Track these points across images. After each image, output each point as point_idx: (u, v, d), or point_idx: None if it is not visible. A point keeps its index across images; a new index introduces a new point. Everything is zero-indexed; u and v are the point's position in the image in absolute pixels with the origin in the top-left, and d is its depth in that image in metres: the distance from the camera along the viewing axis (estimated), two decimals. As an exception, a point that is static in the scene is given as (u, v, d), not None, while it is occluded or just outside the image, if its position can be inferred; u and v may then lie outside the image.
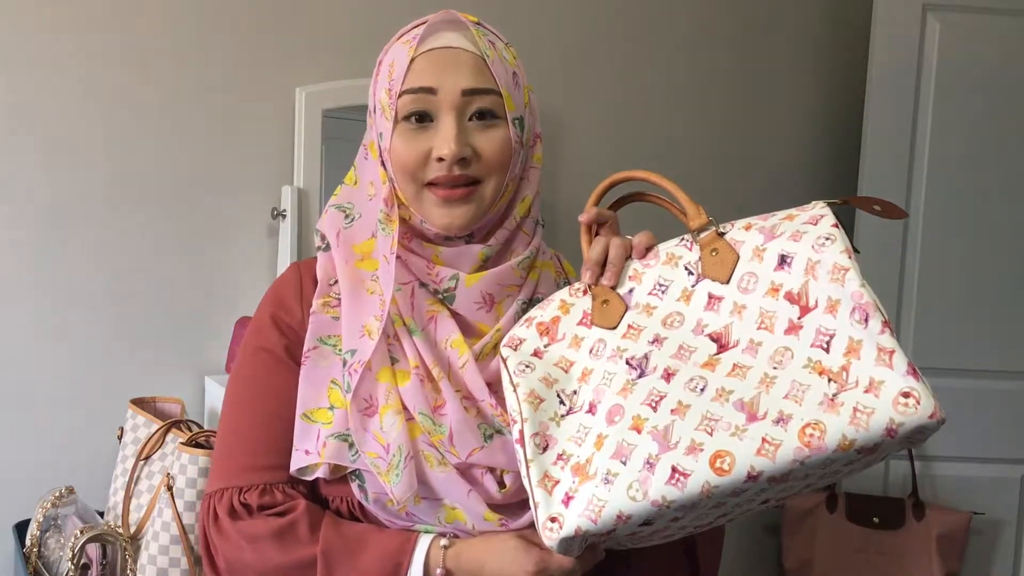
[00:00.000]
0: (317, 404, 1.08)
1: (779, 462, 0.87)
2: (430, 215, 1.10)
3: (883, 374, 0.86)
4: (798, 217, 0.99)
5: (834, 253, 0.93)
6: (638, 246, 1.08)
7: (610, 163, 2.60)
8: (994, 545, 2.71)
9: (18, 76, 2.00)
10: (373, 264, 1.12)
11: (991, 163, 2.63)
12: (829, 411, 0.87)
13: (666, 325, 1.01)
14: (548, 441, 1.00)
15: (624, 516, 0.91)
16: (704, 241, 1.02)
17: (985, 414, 2.64)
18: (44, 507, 1.81)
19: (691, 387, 0.94)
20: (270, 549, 1.05)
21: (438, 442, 1.05)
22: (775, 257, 0.97)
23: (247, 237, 2.19)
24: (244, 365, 1.14)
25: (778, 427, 0.88)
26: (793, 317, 0.93)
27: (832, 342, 0.90)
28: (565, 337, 1.06)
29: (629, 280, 1.06)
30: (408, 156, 1.08)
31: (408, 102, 1.08)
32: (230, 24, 2.15)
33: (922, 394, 0.85)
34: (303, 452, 1.07)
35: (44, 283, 2.04)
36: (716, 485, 0.88)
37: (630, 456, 0.93)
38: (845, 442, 0.85)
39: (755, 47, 2.76)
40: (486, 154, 1.09)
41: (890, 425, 0.84)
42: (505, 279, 1.13)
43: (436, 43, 1.09)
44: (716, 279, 1.00)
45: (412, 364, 1.08)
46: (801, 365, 0.91)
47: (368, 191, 1.15)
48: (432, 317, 1.11)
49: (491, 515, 1.06)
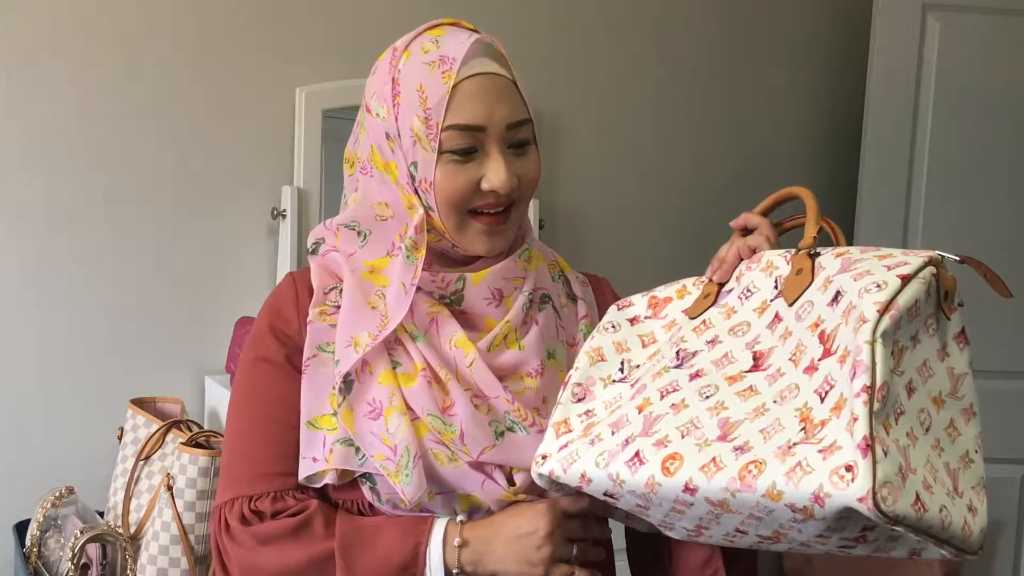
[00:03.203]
0: (320, 411, 1.08)
1: (713, 484, 0.86)
2: (472, 243, 1.10)
3: (844, 440, 0.81)
4: (891, 258, 0.91)
5: (869, 302, 0.85)
6: (744, 246, 1.07)
7: (610, 163, 2.61)
8: (994, 545, 2.71)
9: (18, 76, 2.00)
10: (381, 280, 1.12)
11: (991, 163, 2.63)
12: (777, 457, 0.84)
13: (731, 332, 1.00)
14: (586, 394, 1.05)
15: (586, 478, 0.96)
16: (796, 258, 0.99)
17: (985, 414, 2.62)
18: (44, 507, 1.81)
19: (702, 392, 0.95)
20: (288, 547, 1.05)
21: (449, 441, 1.06)
22: (833, 292, 0.91)
23: (247, 237, 2.19)
24: (245, 375, 1.14)
25: (733, 453, 0.87)
26: (816, 357, 0.89)
27: (829, 393, 0.86)
28: (666, 317, 1.09)
29: (734, 280, 1.06)
30: (457, 189, 1.07)
31: (455, 137, 1.06)
32: (230, 24, 2.16)
33: (861, 472, 0.78)
34: (310, 460, 1.07)
35: (44, 283, 2.04)
36: (659, 483, 0.89)
37: (619, 429, 0.97)
38: (774, 491, 0.82)
39: (755, 47, 2.76)
40: (524, 181, 1.10)
41: (818, 492, 0.80)
42: (510, 272, 1.13)
43: (473, 70, 1.07)
44: (786, 299, 0.97)
45: (418, 367, 1.08)
46: (795, 407, 0.88)
47: (378, 211, 1.13)
48: (433, 319, 1.10)
49: (508, 496, 1.07)
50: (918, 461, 0.84)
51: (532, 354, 1.12)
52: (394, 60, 1.11)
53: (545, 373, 1.12)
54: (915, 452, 0.84)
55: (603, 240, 2.59)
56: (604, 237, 2.59)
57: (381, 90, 1.11)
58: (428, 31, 1.11)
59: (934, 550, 0.87)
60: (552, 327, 1.15)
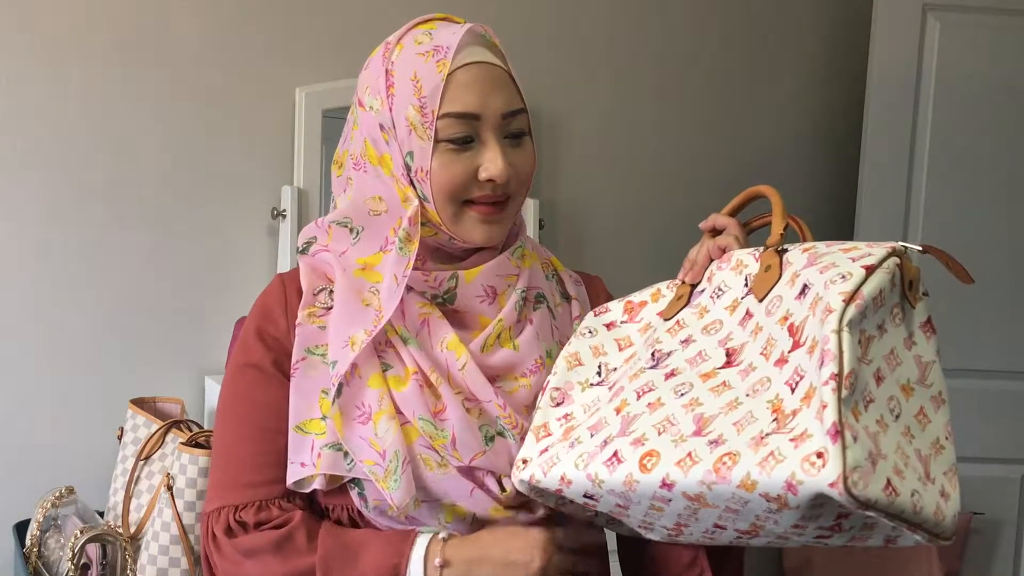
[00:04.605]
0: (309, 415, 1.07)
1: (689, 478, 0.86)
2: (470, 233, 1.09)
3: (815, 428, 0.82)
4: (856, 251, 0.92)
5: (835, 293, 0.87)
6: (713, 247, 1.09)
7: (610, 163, 2.61)
8: (994, 545, 2.71)
9: (19, 76, 2.00)
10: (374, 276, 1.11)
11: (991, 163, 2.63)
12: (751, 447, 0.84)
13: (704, 330, 1.02)
14: (564, 399, 1.06)
15: (566, 480, 0.97)
16: (765, 256, 1.01)
17: (985, 414, 2.64)
18: (44, 507, 1.81)
19: (677, 390, 0.96)
20: (270, 561, 1.04)
21: (440, 446, 1.05)
22: (800, 285, 0.93)
23: (247, 237, 2.19)
24: (232, 382, 1.12)
25: (707, 447, 0.87)
26: (785, 350, 0.90)
27: (799, 384, 0.86)
28: (641, 321, 1.11)
29: (706, 280, 1.08)
30: (454, 178, 1.07)
31: (451, 125, 1.06)
32: (230, 24, 2.16)
33: (831, 458, 0.79)
34: (298, 465, 1.06)
35: (44, 283, 2.04)
36: (637, 480, 0.90)
37: (598, 431, 0.98)
38: (748, 481, 0.83)
39: (755, 47, 2.76)
40: (520, 171, 1.10)
41: (790, 479, 0.80)
42: (503, 269, 1.13)
43: (467, 59, 1.07)
44: (756, 296, 0.99)
45: (410, 371, 1.07)
46: (767, 399, 0.88)
47: (372, 206, 1.12)
48: (424, 320, 1.09)
49: (496, 511, 1.06)
50: (888, 447, 0.84)
51: (527, 354, 1.11)
52: (387, 53, 1.11)
53: (539, 372, 1.11)
54: (885, 438, 0.85)
55: (603, 240, 2.58)
56: (604, 237, 2.59)
57: (374, 83, 1.11)
58: (420, 24, 1.11)
59: (908, 536, 0.88)
60: (547, 327, 1.15)
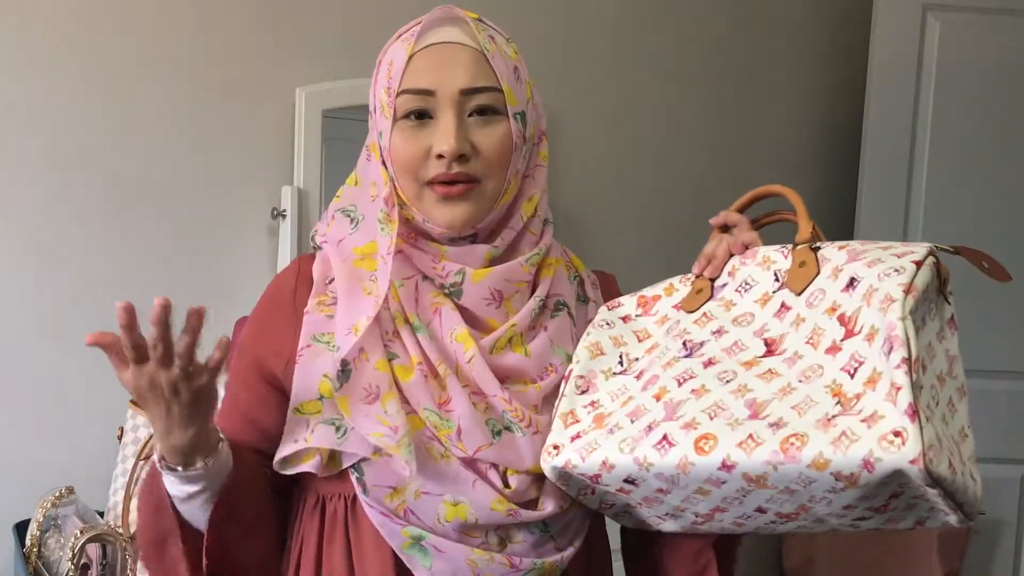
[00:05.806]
0: (308, 398, 1.08)
1: (754, 459, 0.89)
2: (432, 214, 1.09)
3: (886, 410, 0.85)
4: (894, 249, 0.97)
5: (892, 284, 0.91)
6: (735, 243, 1.10)
7: (610, 163, 2.61)
8: (994, 545, 2.71)
9: (19, 76, 2.00)
10: (373, 264, 1.11)
11: (991, 163, 2.63)
12: (819, 428, 0.87)
13: (735, 322, 1.04)
14: (589, 387, 1.08)
15: (608, 464, 0.98)
16: (798, 252, 1.04)
17: (985, 414, 2.62)
18: (44, 507, 1.81)
19: (720, 377, 0.98)
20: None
21: (445, 437, 1.04)
22: (846, 279, 0.97)
23: (247, 237, 2.19)
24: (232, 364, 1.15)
25: (769, 429, 0.90)
26: (837, 338, 0.94)
27: (859, 369, 0.90)
28: (657, 314, 1.13)
29: (727, 275, 1.10)
30: (408, 153, 1.08)
31: (406, 101, 1.08)
32: (230, 24, 2.16)
33: (911, 437, 0.83)
34: (291, 442, 1.07)
35: (44, 283, 2.04)
36: (692, 462, 0.92)
37: (639, 418, 0.99)
38: (820, 460, 0.85)
39: (755, 47, 2.76)
40: (485, 150, 1.08)
41: (868, 457, 0.84)
42: (513, 275, 1.11)
43: (434, 39, 1.09)
44: (793, 290, 1.02)
45: (415, 361, 1.07)
46: (823, 384, 0.92)
47: (370, 192, 1.14)
48: (436, 310, 1.09)
49: (499, 503, 1.04)
50: (940, 430, 0.89)
51: (537, 361, 1.10)
52: (387, 45, 1.14)
53: (548, 378, 1.10)
54: (937, 422, 0.89)
55: (604, 239, 2.58)
56: (605, 236, 2.59)
57: (373, 74, 1.14)
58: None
59: (942, 516, 0.92)
60: (566, 333, 1.14)
